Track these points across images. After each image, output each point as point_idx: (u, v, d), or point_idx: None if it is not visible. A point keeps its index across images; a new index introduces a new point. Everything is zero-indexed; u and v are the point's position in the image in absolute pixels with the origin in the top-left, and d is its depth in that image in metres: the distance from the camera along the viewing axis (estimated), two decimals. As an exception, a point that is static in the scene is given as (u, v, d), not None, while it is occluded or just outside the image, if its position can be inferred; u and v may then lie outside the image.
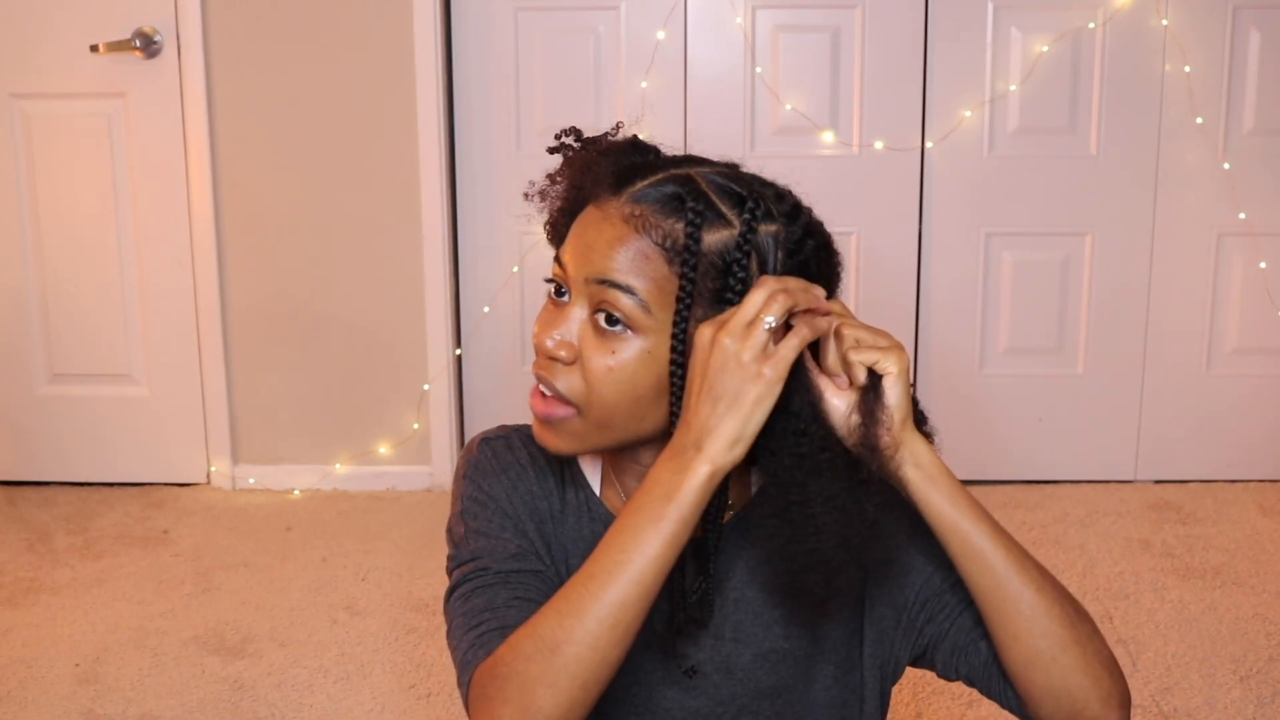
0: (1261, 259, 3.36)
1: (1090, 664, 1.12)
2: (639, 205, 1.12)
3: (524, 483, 1.24)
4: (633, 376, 1.12)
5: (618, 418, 1.14)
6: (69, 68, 3.28)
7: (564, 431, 1.15)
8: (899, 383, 1.11)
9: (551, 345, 1.13)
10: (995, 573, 1.11)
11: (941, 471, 1.12)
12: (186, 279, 3.38)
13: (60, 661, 2.58)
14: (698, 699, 1.23)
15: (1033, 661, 1.12)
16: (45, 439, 3.48)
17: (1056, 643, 1.11)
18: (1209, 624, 2.69)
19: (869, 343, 1.11)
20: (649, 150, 1.21)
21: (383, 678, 2.52)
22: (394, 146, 3.31)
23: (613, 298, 1.11)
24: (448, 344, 3.40)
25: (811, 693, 1.25)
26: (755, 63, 3.29)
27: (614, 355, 1.12)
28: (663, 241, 1.11)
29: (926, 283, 3.40)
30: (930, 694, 2.42)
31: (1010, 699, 1.18)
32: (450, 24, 3.32)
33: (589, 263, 1.12)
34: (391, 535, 3.17)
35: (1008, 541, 1.12)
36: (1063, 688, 1.12)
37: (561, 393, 1.13)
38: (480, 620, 1.14)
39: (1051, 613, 1.11)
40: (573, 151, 1.23)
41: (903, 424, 1.11)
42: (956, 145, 3.32)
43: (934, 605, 1.22)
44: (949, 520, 1.11)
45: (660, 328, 1.12)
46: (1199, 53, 3.27)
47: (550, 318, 1.16)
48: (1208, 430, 3.45)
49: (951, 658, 1.21)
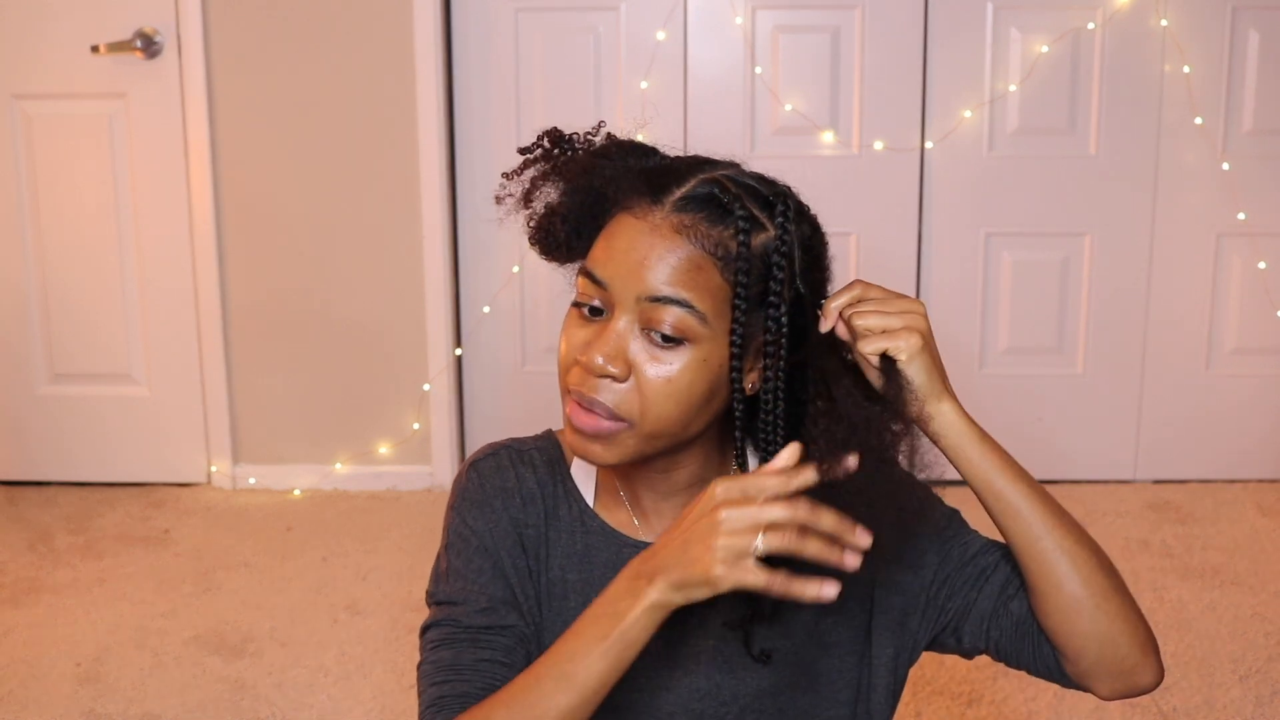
0: (1260, 259, 3.37)
1: (1128, 611, 1.16)
2: (685, 214, 1.12)
3: (510, 510, 1.24)
4: (689, 386, 1.13)
5: (670, 427, 1.14)
6: (69, 68, 3.28)
7: (614, 445, 1.14)
8: (914, 363, 1.12)
9: (601, 362, 1.11)
10: (1034, 528, 1.14)
11: (974, 436, 1.14)
12: (187, 279, 3.38)
13: (61, 661, 2.58)
14: (700, 699, 1.24)
15: (1076, 609, 1.14)
16: (46, 439, 3.49)
17: (1098, 590, 1.15)
18: (1208, 623, 2.69)
19: (877, 329, 1.13)
20: (653, 151, 1.21)
21: (383, 677, 2.52)
22: (394, 146, 3.31)
23: (671, 314, 1.10)
24: (448, 344, 3.40)
25: (817, 689, 1.25)
26: (755, 63, 3.30)
27: (669, 367, 1.12)
28: (714, 250, 1.11)
29: (926, 283, 3.40)
30: (930, 694, 2.43)
31: (1045, 656, 1.20)
32: (450, 24, 3.32)
33: (640, 280, 1.11)
34: (392, 535, 3.17)
35: (1044, 496, 1.15)
36: (1107, 634, 1.15)
37: (612, 409, 1.13)
38: (444, 679, 1.17)
39: (1091, 562, 1.15)
40: (550, 153, 1.21)
41: (928, 398, 1.13)
42: (956, 145, 3.32)
43: (955, 580, 1.23)
44: (986, 481, 1.14)
45: (714, 335, 1.12)
46: (1198, 53, 3.27)
47: (589, 334, 1.14)
48: (1207, 430, 3.45)
49: (980, 627, 1.22)
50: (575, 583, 1.25)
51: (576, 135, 1.23)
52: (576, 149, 1.22)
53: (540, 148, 1.22)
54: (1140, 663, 1.17)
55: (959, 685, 2.45)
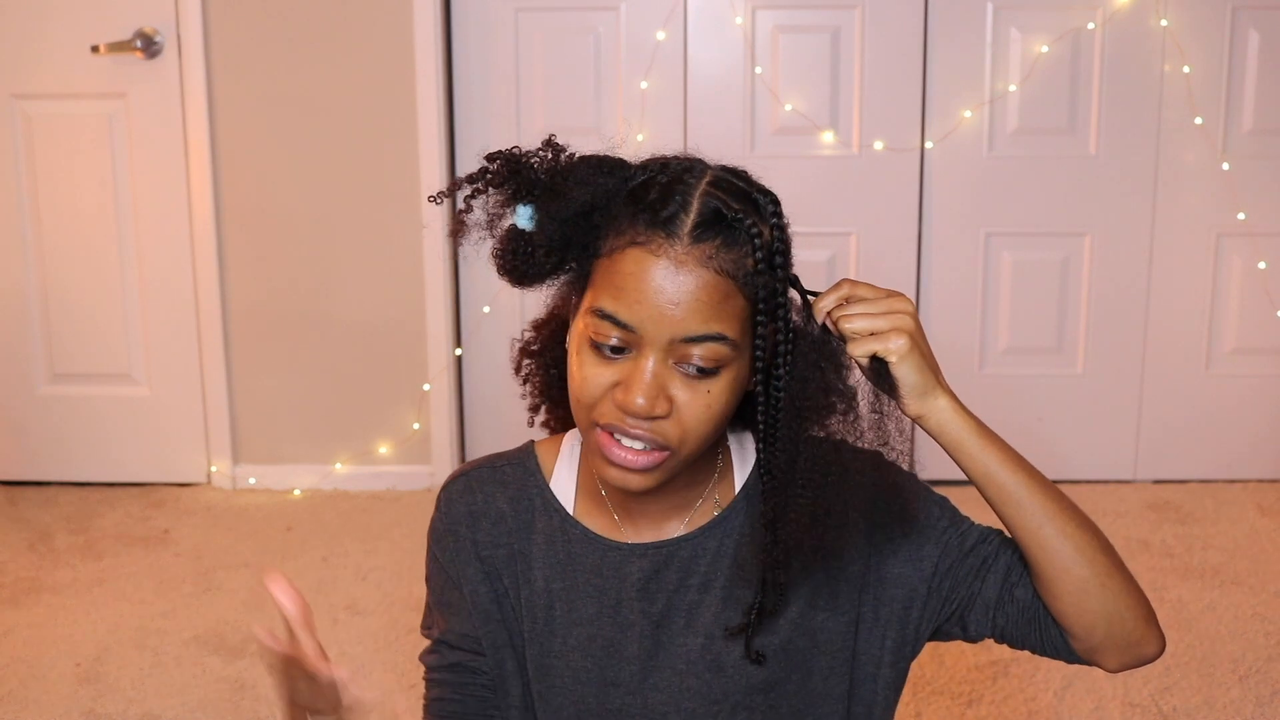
0: (1260, 259, 3.37)
1: (1130, 586, 1.18)
2: (704, 244, 1.10)
3: (476, 534, 1.29)
4: (725, 405, 1.15)
5: (704, 444, 1.16)
6: (69, 68, 3.28)
7: (655, 473, 1.15)
8: (904, 363, 1.13)
9: (645, 404, 1.10)
10: (1035, 515, 1.16)
11: (972, 430, 1.15)
12: (187, 279, 3.38)
13: (61, 661, 2.58)
14: (691, 698, 1.24)
15: (1084, 591, 1.16)
16: (46, 439, 3.49)
17: (1102, 569, 1.17)
18: (1208, 623, 2.69)
19: (865, 332, 1.13)
20: (621, 164, 1.17)
21: (383, 678, 2.52)
22: (394, 147, 3.31)
23: (707, 350, 1.11)
24: (448, 344, 3.40)
25: (809, 684, 1.25)
26: (755, 63, 3.30)
27: (710, 394, 1.13)
28: (735, 273, 1.11)
29: (926, 283, 3.40)
30: (930, 694, 2.43)
31: (1053, 637, 1.21)
32: (450, 24, 3.32)
33: (675, 322, 1.10)
34: (392, 535, 3.17)
35: (1044, 483, 1.17)
36: (1113, 610, 1.17)
37: (657, 441, 1.13)
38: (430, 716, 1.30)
39: (1093, 543, 1.17)
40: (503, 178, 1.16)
41: (921, 396, 1.14)
42: (956, 145, 3.32)
43: (957, 571, 1.24)
44: (988, 475, 1.16)
45: (741, 354, 1.13)
46: (1198, 53, 3.27)
47: (615, 372, 1.13)
48: (1207, 430, 3.45)
49: (986, 615, 1.24)
50: (559, 591, 1.27)
51: (531, 155, 1.17)
52: (535, 171, 1.16)
53: (489, 173, 1.17)
54: (1145, 634, 1.19)
55: (959, 685, 2.45)
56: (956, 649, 2.56)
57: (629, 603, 1.25)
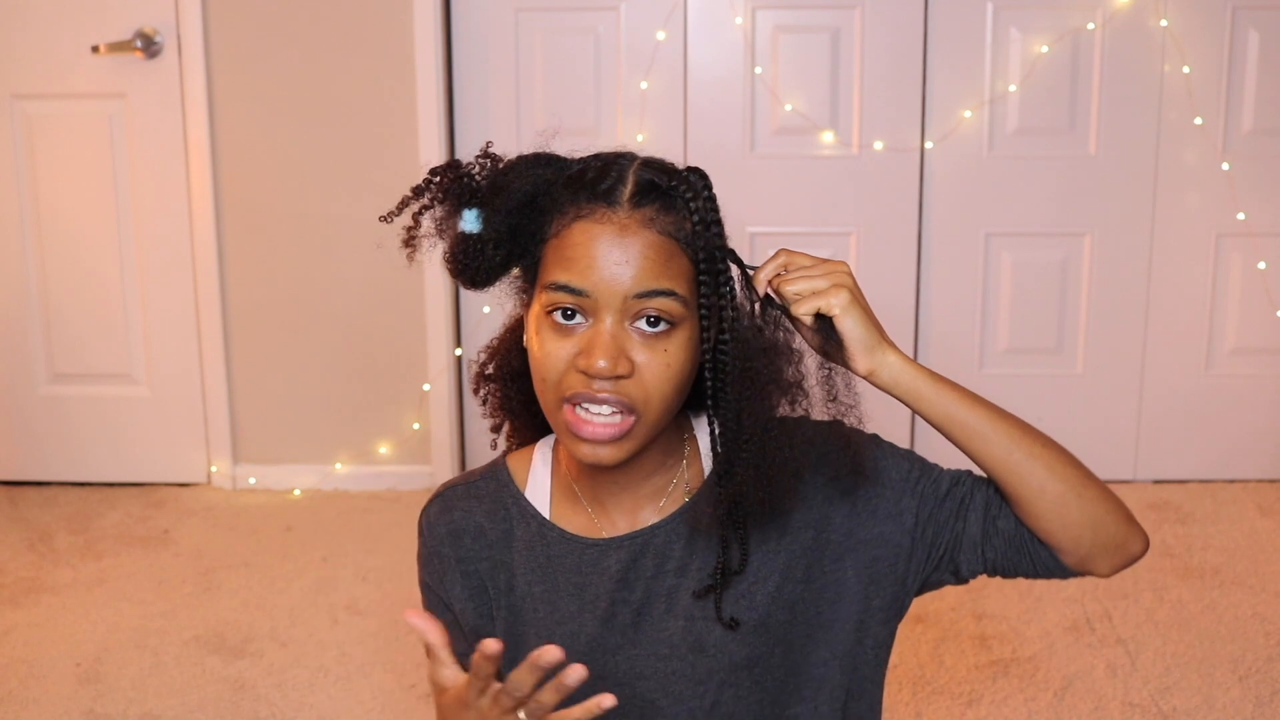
0: (1260, 259, 3.37)
1: (1104, 491, 1.23)
2: (644, 208, 1.17)
3: (459, 551, 1.31)
4: (682, 365, 1.18)
5: (668, 408, 1.19)
6: (69, 68, 3.29)
7: (625, 442, 1.19)
8: (848, 316, 1.17)
9: (606, 365, 1.15)
10: (1002, 443, 1.20)
11: (925, 377, 1.19)
12: (187, 279, 3.39)
13: (61, 661, 2.58)
14: (677, 680, 1.26)
15: (1063, 504, 1.20)
16: (46, 439, 3.49)
17: (1076, 480, 1.21)
18: (1208, 623, 2.69)
19: (806, 292, 1.18)
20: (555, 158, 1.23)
21: (383, 678, 2.52)
22: (394, 147, 3.31)
23: (660, 305, 1.16)
24: (448, 344, 3.40)
25: (791, 657, 1.28)
26: (755, 63, 3.30)
27: (667, 352, 1.17)
28: (676, 233, 1.17)
29: (926, 283, 3.40)
30: (930, 694, 2.43)
31: (1043, 558, 1.24)
32: (450, 24, 3.32)
33: (626, 280, 1.15)
34: (392, 535, 3.17)
35: (1001, 412, 1.21)
36: (1094, 516, 1.21)
37: (624, 402, 1.17)
38: None
39: (1061, 458, 1.22)
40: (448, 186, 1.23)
41: (870, 350, 1.18)
42: (956, 145, 3.32)
43: (937, 516, 1.26)
44: (948, 415, 1.20)
45: (690, 314, 1.18)
46: (1198, 53, 3.27)
47: (575, 342, 1.17)
48: (1206, 430, 3.45)
49: (975, 553, 1.26)
50: (541, 594, 1.29)
51: (471, 165, 1.25)
52: (475, 179, 1.24)
53: (432, 184, 1.25)
54: (1129, 533, 1.23)
55: (959, 685, 2.45)
56: (956, 649, 2.56)
57: (609, 595, 1.27)
